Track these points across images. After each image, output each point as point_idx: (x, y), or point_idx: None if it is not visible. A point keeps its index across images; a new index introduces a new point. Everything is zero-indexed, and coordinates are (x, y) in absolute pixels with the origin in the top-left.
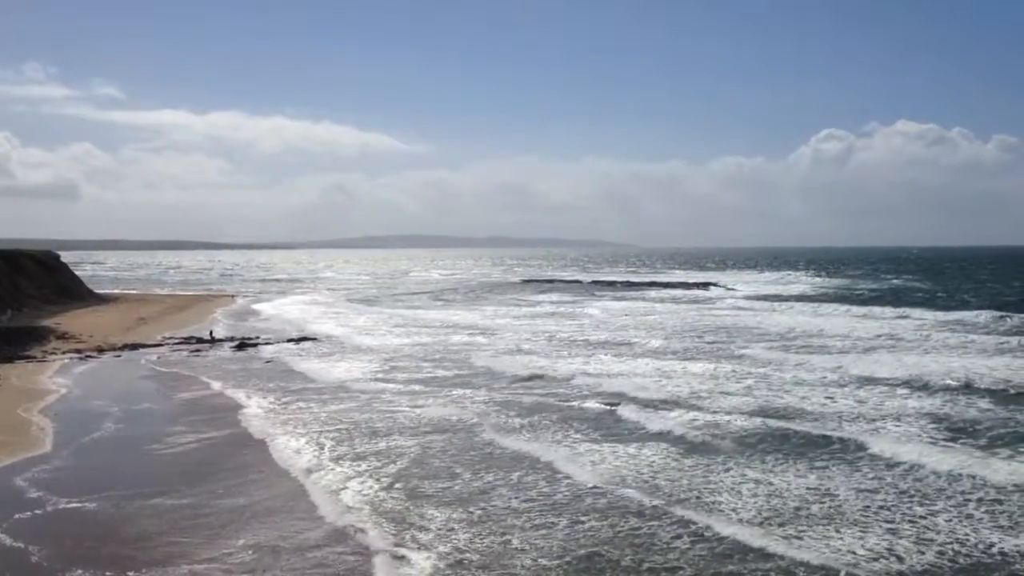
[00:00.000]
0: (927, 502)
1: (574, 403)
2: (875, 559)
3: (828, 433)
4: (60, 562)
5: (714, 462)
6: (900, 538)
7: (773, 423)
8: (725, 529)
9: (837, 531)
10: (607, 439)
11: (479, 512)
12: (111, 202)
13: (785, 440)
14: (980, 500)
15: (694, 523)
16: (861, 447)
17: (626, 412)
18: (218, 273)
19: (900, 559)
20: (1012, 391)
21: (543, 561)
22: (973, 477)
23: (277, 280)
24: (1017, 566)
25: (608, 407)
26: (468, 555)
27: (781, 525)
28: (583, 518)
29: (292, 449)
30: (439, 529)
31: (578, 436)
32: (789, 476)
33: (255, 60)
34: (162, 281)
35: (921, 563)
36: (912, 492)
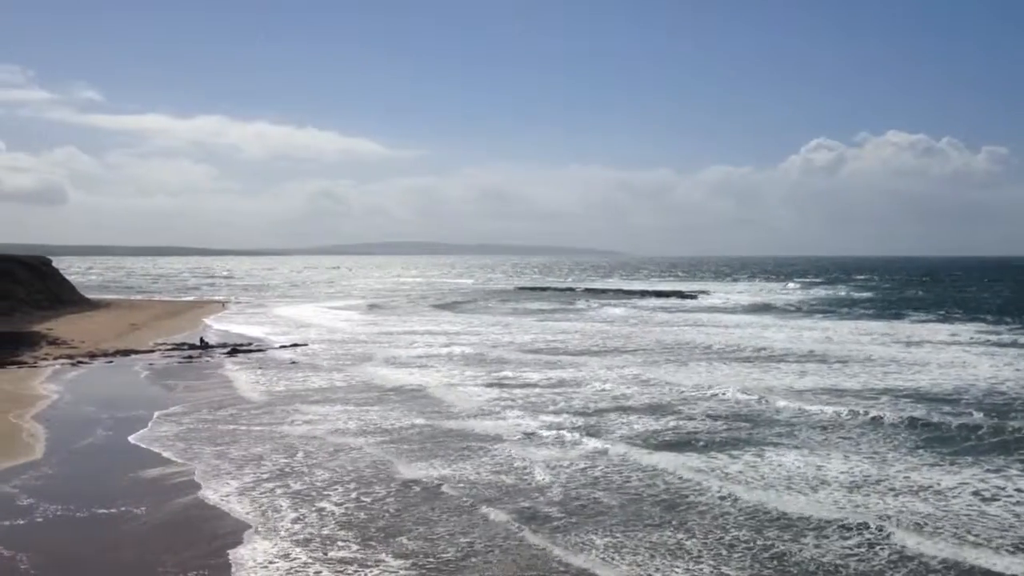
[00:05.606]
0: None
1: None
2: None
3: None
4: (50, 570)
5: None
6: None
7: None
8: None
9: None
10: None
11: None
12: (98, 207)
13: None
14: None
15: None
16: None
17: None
18: (209, 279)
19: None
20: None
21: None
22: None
23: (270, 287)
24: None
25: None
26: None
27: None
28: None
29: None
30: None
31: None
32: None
33: (236, 64)
34: (153, 287)
35: None
36: None
